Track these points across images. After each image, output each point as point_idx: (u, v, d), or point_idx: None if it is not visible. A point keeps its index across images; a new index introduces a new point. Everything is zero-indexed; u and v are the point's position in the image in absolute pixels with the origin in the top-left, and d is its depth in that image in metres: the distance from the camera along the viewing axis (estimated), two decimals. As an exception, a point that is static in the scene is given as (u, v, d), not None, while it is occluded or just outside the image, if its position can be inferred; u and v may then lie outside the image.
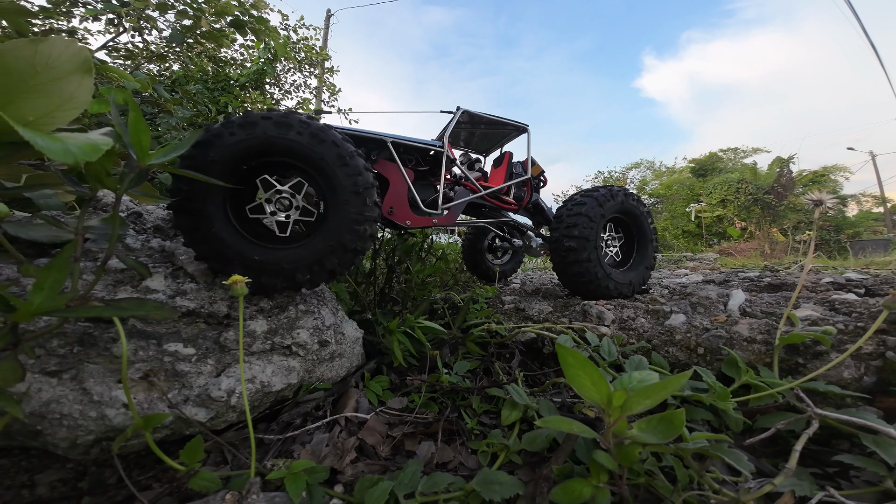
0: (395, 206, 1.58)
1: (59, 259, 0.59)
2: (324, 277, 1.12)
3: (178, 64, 5.67)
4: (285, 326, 1.13)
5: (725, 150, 21.26)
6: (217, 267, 1.02)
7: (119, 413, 0.80)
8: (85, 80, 0.61)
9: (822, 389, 1.06)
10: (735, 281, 2.40)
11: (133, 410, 0.74)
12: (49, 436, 0.76)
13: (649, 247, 1.78)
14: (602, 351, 1.20)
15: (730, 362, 1.20)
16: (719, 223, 17.93)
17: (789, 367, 1.23)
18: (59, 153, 0.54)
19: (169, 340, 0.95)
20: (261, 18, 4.10)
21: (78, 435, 0.77)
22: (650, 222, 1.81)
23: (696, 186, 19.51)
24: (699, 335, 1.32)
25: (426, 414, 1.16)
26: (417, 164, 1.70)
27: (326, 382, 1.24)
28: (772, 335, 1.28)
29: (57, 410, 0.76)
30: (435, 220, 1.68)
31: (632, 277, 1.70)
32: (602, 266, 1.60)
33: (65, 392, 0.78)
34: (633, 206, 1.74)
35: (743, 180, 17.63)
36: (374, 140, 1.56)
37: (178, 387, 0.89)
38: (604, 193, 1.70)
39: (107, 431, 0.80)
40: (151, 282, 1.02)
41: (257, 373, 1.02)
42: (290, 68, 7.41)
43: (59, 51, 0.58)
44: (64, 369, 0.80)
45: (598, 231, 1.61)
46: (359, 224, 1.08)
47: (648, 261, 1.76)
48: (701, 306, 1.50)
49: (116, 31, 3.39)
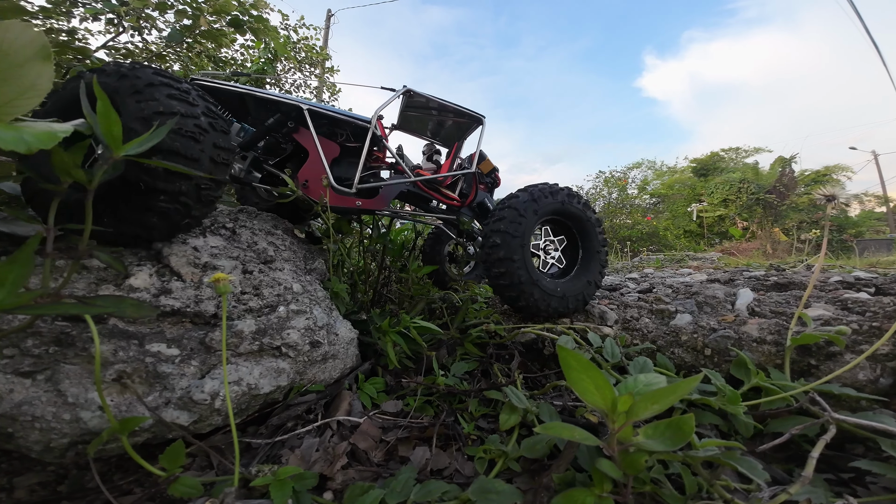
0: (311, 179, 1.45)
1: (21, 253, 0.55)
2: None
3: (179, 63, 5.66)
4: (275, 327, 1.09)
5: (727, 150, 21.18)
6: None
7: (95, 416, 0.76)
8: (45, 66, 0.58)
9: (837, 392, 1.02)
10: (741, 280, 2.35)
11: (108, 413, 0.70)
12: (21, 438, 0.72)
13: (595, 259, 1.56)
14: (605, 352, 1.16)
15: (739, 364, 1.16)
16: (721, 223, 17.85)
17: (801, 368, 1.18)
18: (11, 142, 0.51)
19: (152, 341, 0.91)
20: (260, 18, 4.07)
21: (51, 438, 0.73)
22: (599, 231, 1.59)
23: (697, 186, 19.42)
24: (706, 336, 1.27)
25: (422, 418, 1.11)
26: (347, 140, 1.58)
27: (318, 384, 1.19)
28: (782, 336, 1.23)
29: (29, 412, 0.72)
30: (359, 202, 1.53)
31: (567, 290, 1.46)
32: (528, 270, 1.39)
33: (38, 393, 0.74)
34: (578, 210, 1.53)
35: (745, 180, 17.55)
36: (291, 105, 1.45)
37: (159, 389, 0.85)
38: (541, 189, 1.50)
39: (82, 435, 0.76)
40: (135, 280, 0.98)
41: (244, 374, 0.98)
42: (290, 68, 7.40)
43: (14, 36, 0.55)
44: (38, 370, 0.76)
45: (528, 229, 1.41)
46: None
47: (592, 275, 1.53)
48: (707, 306, 1.45)
49: (116, 30, 3.36)
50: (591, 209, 1.58)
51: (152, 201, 0.92)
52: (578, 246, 1.59)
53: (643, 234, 13.13)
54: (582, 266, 1.56)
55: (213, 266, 1.11)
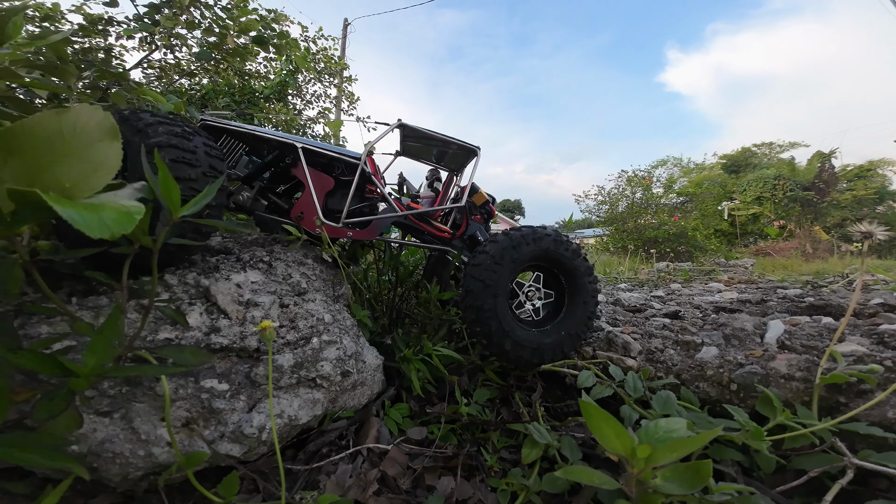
0: (306, 211, 1.53)
1: (109, 323, 0.65)
2: None
3: (208, 78, 5.98)
4: (310, 359, 1.18)
5: (759, 145, 20.10)
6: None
7: (164, 451, 0.87)
8: (114, 145, 0.64)
9: (863, 432, 1.00)
10: (773, 300, 2.27)
11: (177, 451, 0.81)
12: (104, 472, 0.83)
13: (581, 308, 1.44)
14: (627, 387, 1.18)
15: (764, 401, 1.15)
16: (755, 222, 16.97)
17: (830, 405, 1.16)
18: (95, 228, 0.56)
19: (206, 377, 1.01)
20: (282, 34, 4.28)
21: (129, 471, 0.84)
22: (589, 280, 1.46)
23: (728, 183, 18.53)
24: (733, 371, 1.27)
25: (446, 447, 1.17)
26: (342, 174, 1.64)
27: (349, 410, 1.28)
28: (812, 372, 1.21)
29: (110, 449, 0.83)
30: (349, 233, 1.57)
31: (544, 341, 1.37)
32: (500, 319, 1.31)
33: (116, 431, 0.85)
34: (564, 257, 1.42)
35: (780, 176, 16.61)
36: (287, 144, 1.55)
37: (214, 423, 0.95)
38: (524, 234, 1.40)
39: (153, 467, 0.87)
40: (189, 318, 1.09)
41: (285, 407, 1.07)
42: (310, 79, 7.64)
43: (85, 119, 0.61)
44: (114, 409, 0.87)
45: (504, 277, 1.34)
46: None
47: (577, 326, 1.43)
48: (735, 338, 1.43)
49: (149, 48, 3.62)
50: (580, 256, 1.47)
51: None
52: (564, 294, 1.49)
53: (670, 235, 12.66)
54: (566, 316, 1.45)
55: (254, 303, 1.21)
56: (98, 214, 0.59)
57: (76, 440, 0.80)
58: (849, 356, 1.23)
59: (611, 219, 14.30)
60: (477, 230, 1.74)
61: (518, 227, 1.44)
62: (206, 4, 3.71)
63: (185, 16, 3.49)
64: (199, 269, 1.32)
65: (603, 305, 2.32)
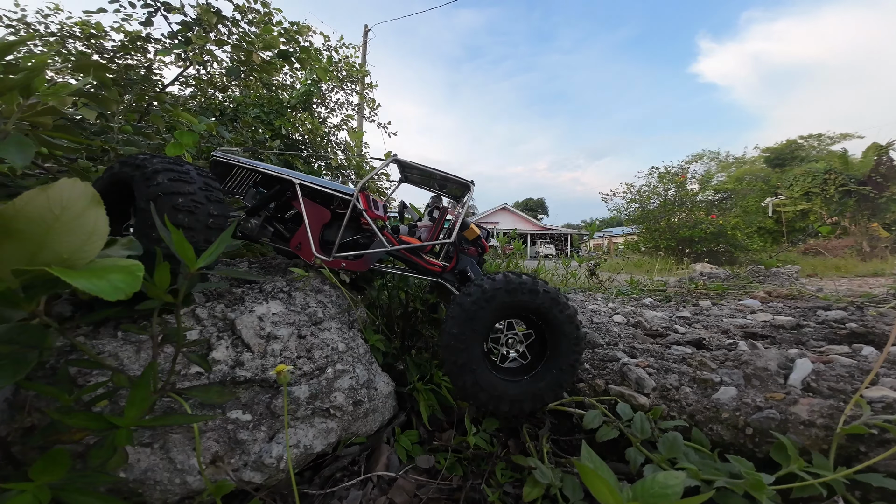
0: (303, 242, 1.62)
1: (143, 379, 0.75)
2: None
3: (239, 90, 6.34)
4: (325, 390, 1.27)
5: (807, 137, 18.53)
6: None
7: (196, 479, 0.98)
8: (99, 212, 0.68)
9: (877, 484, 0.96)
10: (811, 325, 2.13)
11: (207, 482, 0.91)
12: (147, 497, 0.95)
13: (559, 361, 1.36)
14: (634, 428, 1.18)
15: (779, 448, 1.12)
16: (803, 219, 15.72)
17: (849, 454, 1.11)
18: (109, 292, 0.61)
19: (231, 408, 1.12)
20: (304, 49, 4.49)
21: (168, 497, 0.96)
22: (571, 328, 1.36)
23: (772, 178, 17.25)
24: (749, 414, 1.23)
25: (451, 479, 1.23)
26: (339, 207, 1.72)
27: (361, 437, 1.36)
28: (835, 419, 1.16)
29: (152, 478, 0.95)
30: (343, 263, 1.64)
31: (523, 392, 1.33)
32: (474, 372, 1.29)
33: (156, 461, 0.97)
34: (543, 307, 1.34)
35: (831, 170, 15.25)
36: (286, 180, 1.65)
37: (238, 453, 1.06)
38: (498, 281, 1.33)
39: (188, 493, 0.98)
40: (216, 353, 1.20)
41: (301, 437, 1.16)
42: (333, 87, 7.88)
43: (69, 192, 0.65)
44: (154, 440, 0.99)
45: (477, 329, 1.30)
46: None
47: (555, 378, 1.35)
48: (756, 378, 1.37)
49: (184, 65, 3.91)
50: (562, 304, 1.37)
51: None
52: (546, 344, 1.42)
53: (707, 234, 11.96)
54: (544, 367, 1.38)
55: (274, 336, 1.31)
56: (106, 279, 0.64)
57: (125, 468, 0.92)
58: (877, 402, 1.16)
59: (641, 217, 13.74)
60: (468, 265, 1.71)
61: (492, 276, 1.38)
62: (233, 21, 3.96)
63: (213, 33, 3.74)
64: (227, 301, 1.44)
65: (622, 328, 2.27)
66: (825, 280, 6.68)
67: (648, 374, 1.53)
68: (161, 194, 1.15)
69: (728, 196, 14.73)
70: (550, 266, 4.97)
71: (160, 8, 3.71)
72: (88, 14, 4.02)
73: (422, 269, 1.73)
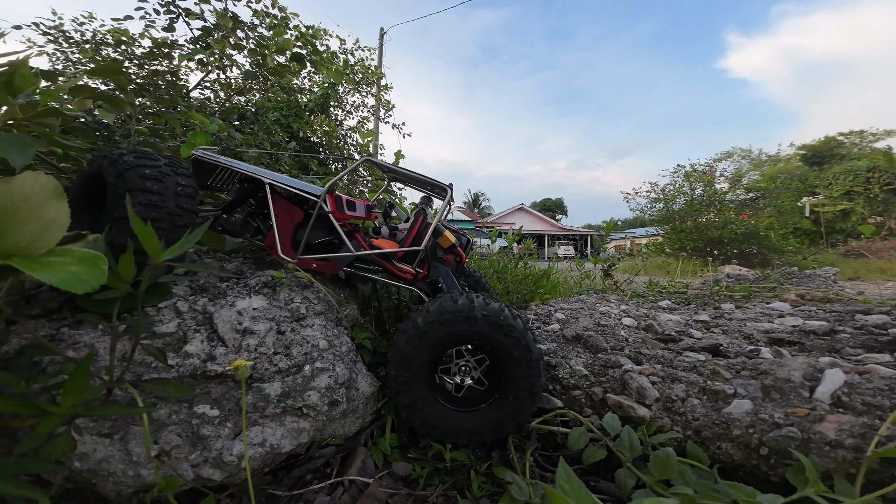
0: (274, 242, 1.59)
1: (81, 368, 0.72)
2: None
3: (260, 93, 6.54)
4: (299, 388, 1.22)
5: (847, 134, 17.25)
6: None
7: (150, 473, 0.95)
8: (60, 204, 0.70)
9: None
10: (847, 331, 1.91)
11: (158, 477, 0.88)
12: (101, 487, 0.93)
13: (514, 387, 1.23)
14: (622, 445, 1.06)
15: (797, 470, 0.97)
16: (844, 219, 14.61)
17: (881, 479, 0.95)
18: (72, 284, 0.63)
19: (199, 402, 1.09)
20: (316, 51, 4.56)
21: (121, 489, 0.94)
22: (522, 356, 1.22)
23: (810, 177, 16.14)
24: (765, 431, 1.07)
25: (425, 489, 1.15)
26: (311, 207, 1.65)
27: (338, 438, 1.30)
28: (867, 440, 0.99)
29: (106, 468, 0.92)
30: (314, 264, 1.60)
31: (470, 426, 1.24)
32: (417, 410, 1.24)
33: (113, 452, 0.94)
34: (484, 334, 1.21)
35: (875, 168, 14.10)
36: (256, 179, 1.62)
37: (199, 449, 1.02)
38: (432, 313, 1.22)
39: (142, 486, 0.95)
40: (190, 346, 1.18)
41: (269, 436, 1.12)
42: (350, 90, 7.98)
43: (30, 184, 0.67)
44: (115, 432, 0.97)
45: (409, 369, 1.23)
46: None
47: (513, 405, 1.23)
48: (776, 391, 1.21)
49: (205, 70, 4.05)
50: (502, 329, 1.22)
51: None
52: (502, 370, 1.28)
53: (737, 235, 11.31)
54: (503, 394, 1.26)
55: (251, 331, 1.28)
56: (66, 271, 0.65)
57: (77, 457, 0.90)
58: (923, 425, 0.99)
59: (666, 217, 13.16)
60: (441, 274, 1.60)
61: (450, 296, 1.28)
62: (249, 26, 4.07)
63: (231, 38, 3.86)
64: (211, 295, 1.43)
65: (631, 332, 2.12)
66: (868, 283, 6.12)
67: (652, 382, 1.39)
68: (131, 189, 1.15)
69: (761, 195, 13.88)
70: (564, 267, 4.79)
71: (181, 14, 3.86)
72: (118, 21, 4.22)
73: (394, 275, 1.66)
